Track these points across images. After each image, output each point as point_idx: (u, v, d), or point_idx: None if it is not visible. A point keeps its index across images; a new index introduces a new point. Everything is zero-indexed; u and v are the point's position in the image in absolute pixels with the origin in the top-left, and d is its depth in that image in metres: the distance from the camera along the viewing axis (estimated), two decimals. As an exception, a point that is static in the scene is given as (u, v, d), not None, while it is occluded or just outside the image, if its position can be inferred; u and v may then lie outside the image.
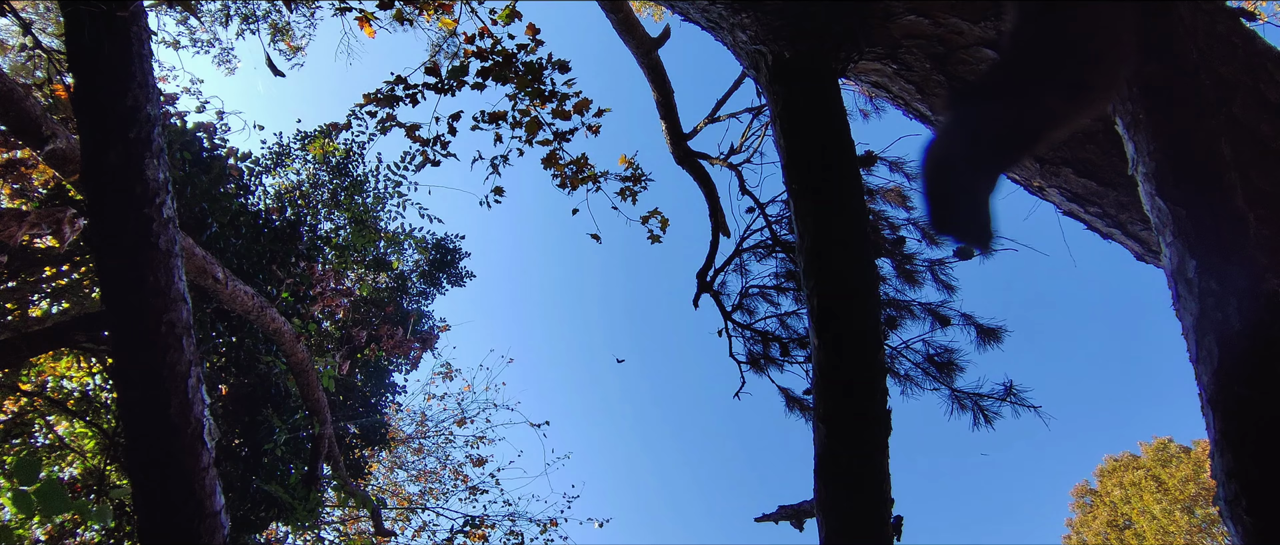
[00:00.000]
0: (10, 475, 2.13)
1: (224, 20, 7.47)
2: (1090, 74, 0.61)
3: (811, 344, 0.87)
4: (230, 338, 6.03)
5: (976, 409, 3.02)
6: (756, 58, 0.95)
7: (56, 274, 5.40)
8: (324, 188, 7.61)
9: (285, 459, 6.02)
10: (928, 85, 1.45)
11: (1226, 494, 0.71)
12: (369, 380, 7.63)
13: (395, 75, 4.04)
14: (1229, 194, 0.74)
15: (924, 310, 3.29)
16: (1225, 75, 0.86)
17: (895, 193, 3.28)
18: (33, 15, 6.99)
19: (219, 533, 1.25)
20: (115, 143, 1.18)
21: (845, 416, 0.86)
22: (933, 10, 1.30)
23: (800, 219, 0.86)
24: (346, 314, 7.67)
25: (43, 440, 6.01)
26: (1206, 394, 0.73)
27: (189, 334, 1.23)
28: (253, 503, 5.74)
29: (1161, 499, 17.10)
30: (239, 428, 5.92)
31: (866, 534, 0.89)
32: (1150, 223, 0.81)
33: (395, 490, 9.81)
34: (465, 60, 4.02)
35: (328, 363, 6.78)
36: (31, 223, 3.83)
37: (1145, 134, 0.79)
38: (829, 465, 0.89)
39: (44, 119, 3.36)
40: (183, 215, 5.37)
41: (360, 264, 8.21)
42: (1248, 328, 0.69)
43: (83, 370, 6.00)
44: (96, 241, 1.19)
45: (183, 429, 1.20)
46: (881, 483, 0.88)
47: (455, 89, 4.03)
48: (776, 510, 1.65)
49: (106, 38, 1.18)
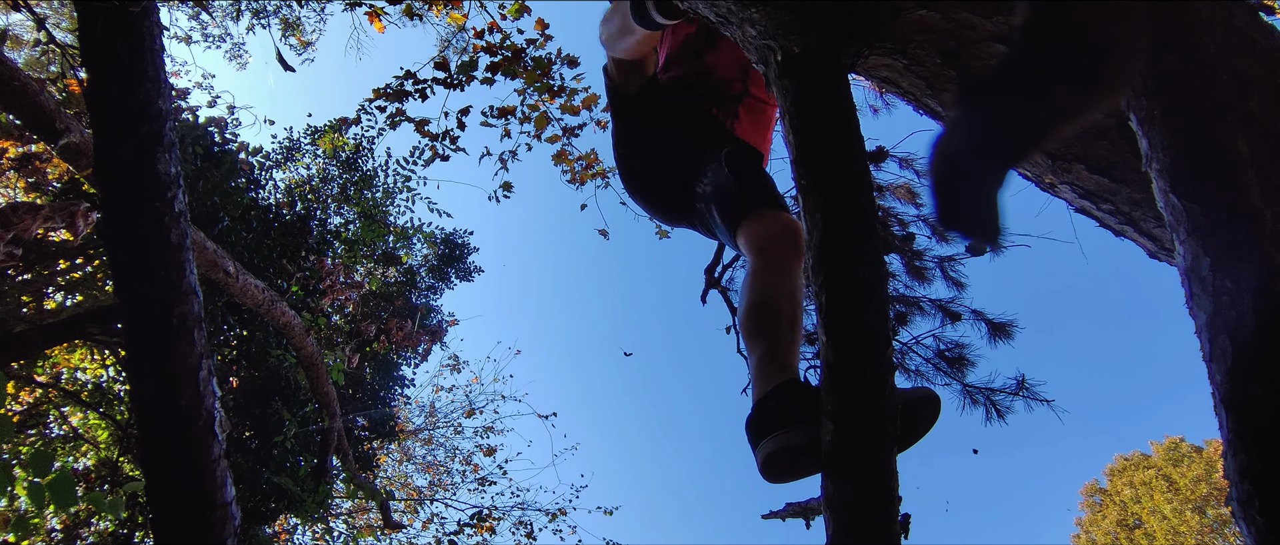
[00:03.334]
0: (25, 466, 2.16)
1: (235, 15, 7.51)
2: (1102, 68, 0.60)
3: (820, 340, 0.87)
4: (241, 331, 6.08)
5: (989, 403, 3.00)
6: (765, 52, 0.94)
7: (70, 267, 5.46)
8: (334, 182, 7.65)
9: (295, 451, 6.07)
10: (938, 81, 1.44)
11: (1239, 494, 0.70)
12: (378, 373, 7.68)
13: (404, 70, 4.05)
14: (1245, 191, 0.73)
15: (934, 306, 3.28)
16: (1243, 70, 0.85)
17: (905, 189, 3.27)
18: (47, 11, 7.05)
19: (230, 524, 1.26)
20: (128, 137, 1.19)
21: (854, 413, 0.85)
22: (944, 5, 1.28)
23: (809, 214, 0.85)
24: (356, 308, 7.72)
25: (57, 431, 6.09)
26: (1219, 393, 0.73)
27: (200, 327, 1.24)
28: (263, 494, 5.79)
29: (1172, 499, 16.96)
30: (249, 420, 5.98)
31: (874, 531, 0.89)
32: (1163, 220, 0.80)
33: (404, 482, 9.88)
34: (474, 55, 4.03)
35: (337, 356, 6.83)
36: (46, 216, 3.87)
37: (1159, 130, 0.78)
38: (837, 462, 0.89)
39: (58, 113, 3.39)
40: (194, 209, 5.41)
41: (369, 258, 8.25)
42: (1262, 326, 0.68)
43: (96, 362, 6.07)
44: (109, 235, 1.20)
45: (194, 421, 1.21)
46: (890, 480, 0.88)
47: (464, 84, 4.04)
48: (784, 507, 1.65)
49: (119, 33, 1.18)
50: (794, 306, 1.35)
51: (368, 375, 7.54)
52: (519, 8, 3.97)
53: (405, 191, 7.84)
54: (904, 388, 1.10)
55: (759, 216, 1.48)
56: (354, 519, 8.59)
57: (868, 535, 0.89)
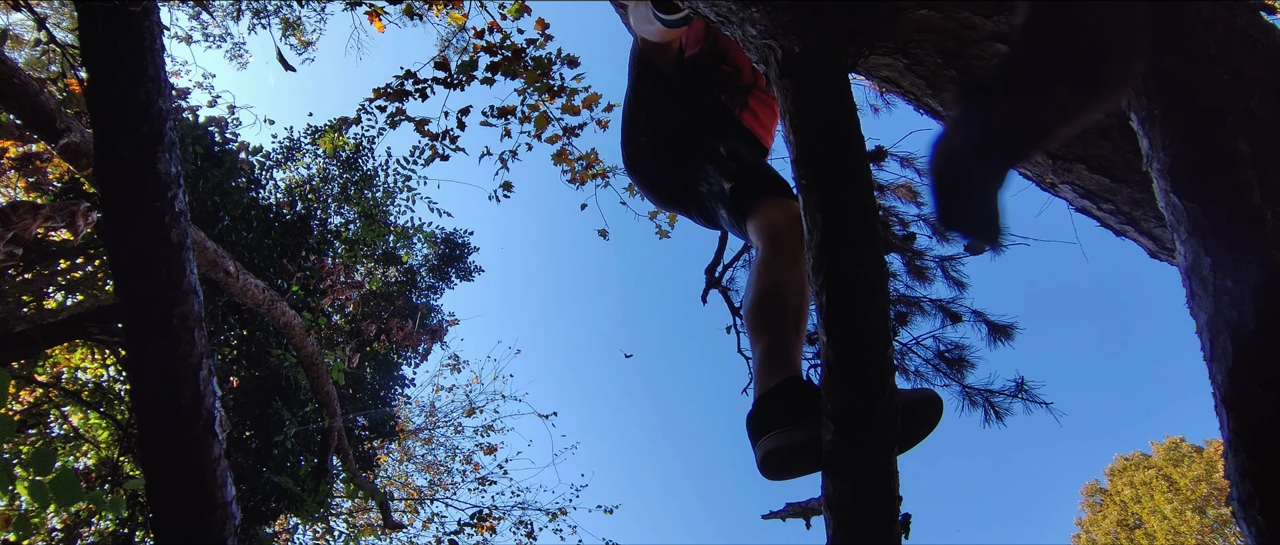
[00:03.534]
0: (26, 465, 2.16)
1: (236, 15, 7.51)
2: (1103, 68, 0.60)
3: (820, 340, 0.87)
4: (241, 331, 6.08)
5: (987, 405, 3.00)
6: (766, 52, 0.94)
7: (71, 267, 5.46)
8: (334, 182, 7.65)
9: (295, 451, 6.07)
10: (939, 80, 1.44)
11: (1240, 494, 0.70)
12: (378, 373, 7.68)
13: (405, 70, 4.05)
14: (1246, 191, 0.73)
15: (934, 306, 3.28)
16: (1244, 70, 0.85)
17: (905, 188, 3.26)
18: (48, 10, 7.05)
19: (230, 523, 1.26)
20: (128, 137, 1.19)
21: (854, 413, 0.85)
22: (944, 5, 1.28)
23: (809, 214, 0.85)
24: (356, 307, 7.72)
25: (58, 431, 6.09)
26: (1220, 393, 0.72)
27: (200, 326, 1.24)
28: (263, 494, 5.79)
29: (1173, 499, 16.95)
30: (250, 420, 5.98)
31: (874, 531, 0.88)
32: (1164, 220, 0.80)
33: (404, 482, 9.88)
34: (474, 55, 4.02)
35: (337, 356, 6.83)
36: (46, 216, 3.87)
37: (1160, 130, 0.78)
38: (837, 462, 0.89)
39: (58, 113, 3.39)
40: (194, 209, 5.41)
41: (370, 258, 8.25)
42: (1263, 326, 0.68)
43: (97, 362, 6.08)
44: (109, 235, 1.20)
45: (194, 421, 1.21)
46: (890, 480, 0.88)
47: (464, 84, 4.04)
48: (784, 507, 1.65)
49: (119, 33, 1.18)
50: (800, 300, 1.34)
51: (368, 375, 7.54)
52: (519, 7, 3.97)
53: (405, 191, 7.84)
54: (906, 389, 1.10)
55: (770, 205, 1.47)
56: (354, 518, 8.60)
57: (868, 535, 0.89)
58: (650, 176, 1.88)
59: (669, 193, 1.86)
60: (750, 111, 1.88)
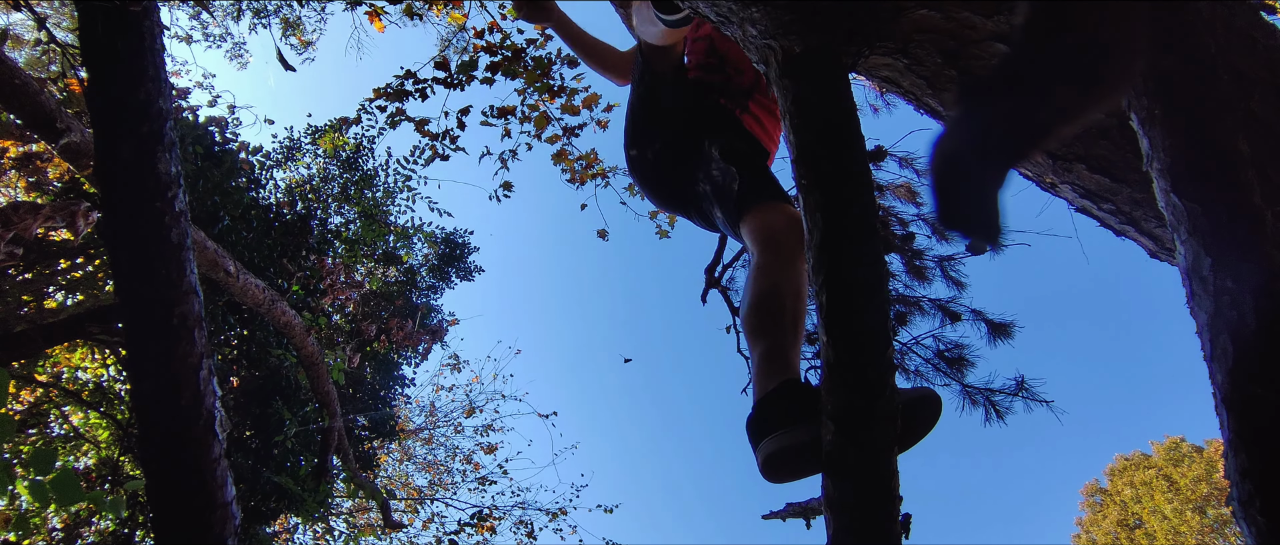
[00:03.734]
0: (27, 465, 2.16)
1: (236, 15, 7.51)
2: (1103, 68, 0.60)
3: (820, 340, 0.87)
4: (241, 330, 6.08)
5: (988, 404, 3.00)
6: (766, 52, 0.94)
7: (71, 267, 5.46)
8: (334, 182, 7.65)
9: (295, 451, 6.08)
10: (939, 80, 1.44)
11: (1240, 494, 0.70)
12: (378, 373, 7.68)
13: (405, 70, 4.05)
14: (1246, 191, 0.73)
15: (934, 306, 3.28)
16: (1244, 70, 0.85)
17: (905, 188, 3.26)
18: (48, 10, 7.06)
19: (231, 523, 1.26)
20: (128, 137, 1.19)
21: (854, 413, 0.85)
22: (945, 4, 1.28)
23: (809, 214, 0.85)
24: (356, 307, 7.72)
25: (58, 431, 6.09)
26: (1220, 393, 0.72)
27: (201, 326, 1.24)
28: (263, 494, 5.79)
29: (1173, 498, 16.95)
30: (250, 420, 5.98)
31: (875, 531, 0.88)
32: (1164, 220, 0.80)
33: (404, 482, 9.88)
34: (474, 55, 4.02)
35: (338, 355, 6.83)
36: (46, 216, 3.87)
37: (1160, 129, 0.78)
38: (837, 462, 0.89)
39: (58, 113, 3.39)
40: (195, 208, 5.41)
41: (370, 258, 8.25)
42: (1263, 326, 0.68)
43: (97, 362, 6.08)
44: (109, 235, 1.20)
45: (195, 421, 1.21)
46: (890, 480, 0.88)
47: (464, 84, 4.03)
48: (784, 507, 1.64)
49: (119, 33, 1.18)
50: (798, 303, 1.35)
51: (368, 375, 7.54)
52: (519, 7, 3.96)
53: (405, 191, 7.84)
54: (905, 388, 1.10)
55: (764, 209, 1.48)
56: (354, 518, 8.60)
57: (868, 535, 0.89)
58: (650, 178, 1.89)
59: (669, 194, 1.87)
60: (752, 116, 1.89)
